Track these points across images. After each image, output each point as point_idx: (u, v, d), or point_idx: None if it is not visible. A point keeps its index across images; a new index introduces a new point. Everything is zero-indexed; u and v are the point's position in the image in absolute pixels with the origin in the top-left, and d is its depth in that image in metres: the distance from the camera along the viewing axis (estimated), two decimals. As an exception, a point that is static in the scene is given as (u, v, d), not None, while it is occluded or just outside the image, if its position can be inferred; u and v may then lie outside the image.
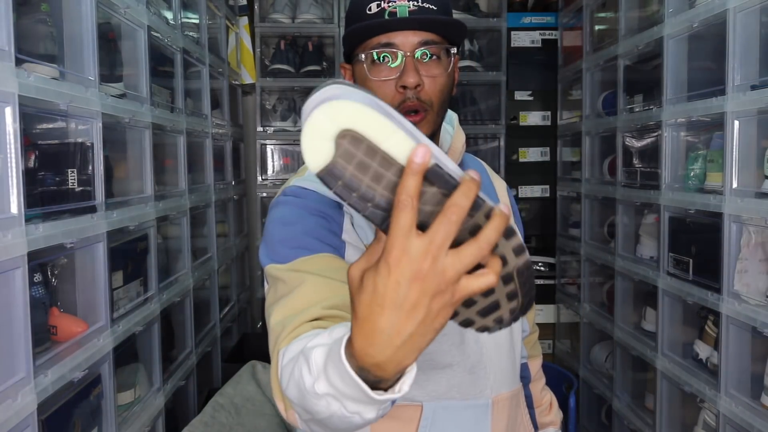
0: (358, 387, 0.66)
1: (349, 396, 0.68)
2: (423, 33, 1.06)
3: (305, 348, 0.77)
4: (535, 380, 1.39)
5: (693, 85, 2.19)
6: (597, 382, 3.00)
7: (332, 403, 0.71)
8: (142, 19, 2.01)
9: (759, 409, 1.75)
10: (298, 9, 3.70)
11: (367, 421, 0.72)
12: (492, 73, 3.80)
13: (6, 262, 1.25)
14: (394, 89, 1.06)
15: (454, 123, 1.24)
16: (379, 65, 1.07)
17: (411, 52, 1.05)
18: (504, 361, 1.16)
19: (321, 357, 0.72)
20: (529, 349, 1.38)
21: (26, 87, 1.32)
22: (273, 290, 1.01)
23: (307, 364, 0.74)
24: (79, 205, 1.61)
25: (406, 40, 1.05)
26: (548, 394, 1.43)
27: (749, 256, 1.83)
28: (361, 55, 1.08)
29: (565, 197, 3.62)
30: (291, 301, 0.93)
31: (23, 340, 1.31)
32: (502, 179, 1.36)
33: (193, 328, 2.57)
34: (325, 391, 0.71)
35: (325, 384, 0.70)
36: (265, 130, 3.81)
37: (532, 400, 1.37)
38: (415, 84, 1.05)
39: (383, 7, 1.05)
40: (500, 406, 1.15)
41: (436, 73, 1.07)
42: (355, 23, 1.08)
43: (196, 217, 2.71)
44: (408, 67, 1.05)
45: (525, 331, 1.34)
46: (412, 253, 0.57)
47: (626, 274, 2.63)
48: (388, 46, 1.05)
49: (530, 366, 1.38)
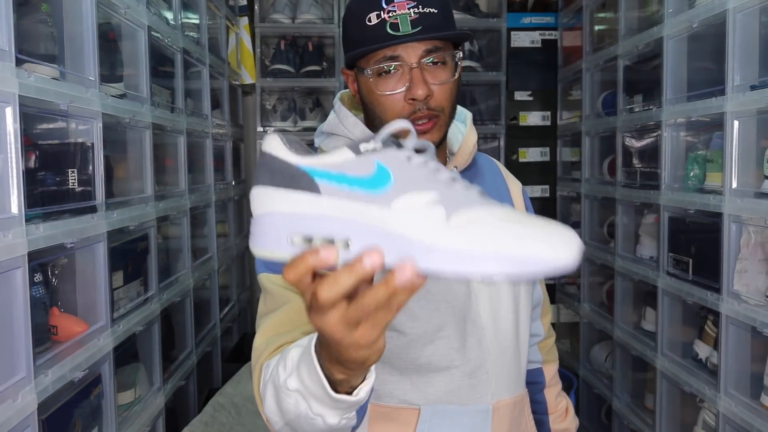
0: (321, 383, 0.71)
1: (314, 394, 0.73)
2: (427, 41, 1.04)
3: (285, 351, 0.81)
4: (549, 386, 1.33)
5: (693, 85, 2.19)
6: (597, 382, 3.00)
7: (300, 402, 0.75)
8: (143, 20, 2.01)
9: (759, 409, 1.75)
10: (298, 9, 3.70)
11: (329, 426, 0.75)
12: (492, 73, 3.80)
13: (6, 262, 1.26)
14: (402, 101, 1.05)
15: (467, 122, 1.21)
16: (386, 78, 1.05)
17: (417, 63, 1.03)
18: (508, 366, 1.13)
19: (296, 354, 0.77)
20: (545, 354, 1.33)
21: (26, 87, 1.32)
22: (263, 301, 1.04)
23: (283, 362, 0.79)
24: (79, 205, 1.61)
25: (411, 51, 1.03)
26: (564, 401, 1.36)
27: (749, 256, 1.83)
28: (366, 70, 1.06)
29: (565, 197, 3.63)
30: (276, 320, 0.97)
31: (23, 340, 1.31)
32: (517, 180, 1.31)
33: (193, 328, 2.57)
34: (295, 387, 0.75)
35: (296, 380, 0.75)
36: (265, 130, 3.81)
37: (546, 406, 1.33)
38: (425, 96, 1.03)
39: (383, 17, 1.02)
40: (501, 412, 1.12)
41: (444, 79, 1.06)
42: (355, 33, 1.06)
43: (196, 217, 2.71)
44: (416, 80, 1.03)
45: (539, 335, 1.31)
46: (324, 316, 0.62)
47: (626, 274, 2.64)
48: (393, 59, 1.04)
49: (545, 371, 1.33)
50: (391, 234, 0.58)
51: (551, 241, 0.56)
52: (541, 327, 1.32)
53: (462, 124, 1.22)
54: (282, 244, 0.61)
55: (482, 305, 1.11)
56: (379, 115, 1.08)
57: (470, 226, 0.57)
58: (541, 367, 1.33)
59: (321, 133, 1.20)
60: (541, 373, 1.32)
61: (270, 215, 0.62)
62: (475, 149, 1.20)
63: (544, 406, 1.32)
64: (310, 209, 0.60)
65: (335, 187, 0.60)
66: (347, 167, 0.61)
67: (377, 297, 0.58)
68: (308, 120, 3.80)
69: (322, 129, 1.19)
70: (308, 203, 0.60)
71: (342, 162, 0.61)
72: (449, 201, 0.59)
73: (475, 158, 1.23)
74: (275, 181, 0.62)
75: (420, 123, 1.05)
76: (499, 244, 0.56)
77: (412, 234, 0.58)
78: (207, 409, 2.37)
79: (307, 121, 3.79)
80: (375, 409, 1.09)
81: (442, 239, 0.57)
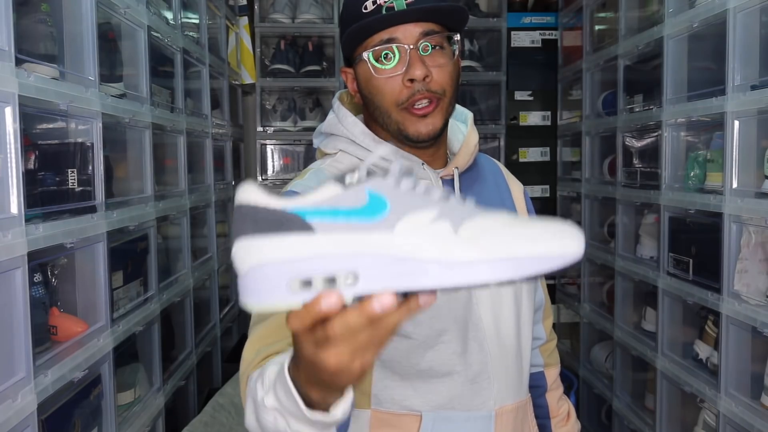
0: (296, 404, 0.70)
1: (291, 412, 0.72)
2: (424, 23, 1.04)
3: (264, 368, 0.81)
4: (551, 390, 1.32)
5: (693, 85, 2.19)
6: (597, 382, 3.00)
7: (279, 419, 0.75)
8: (142, 19, 2.01)
9: (759, 409, 1.75)
10: (298, 9, 3.70)
11: None
12: (492, 73, 3.80)
13: (6, 262, 1.25)
14: (401, 84, 1.04)
15: (468, 122, 1.20)
16: (384, 62, 1.05)
17: (414, 44, 1.03)
18: (510, 371, 1.12)
19: (273, 373, 0.76)
20: (546, 357, 1.32)
21: (26, 87, 1.32)
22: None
23: (261, 379, 0.79)
24: (79, 205, 1.61)
25: (408, 32, 1.03)
26: (566, 404, 1.34)
27: (749, 256, 1.83)
28: (363, 54, 1.05)
29: (565, 197, 3.63)
30: (264, 330, 0.97)
31: (23, 340, 1.31)
32: (518, 181, 1.30)
33: (193, 328, 2.57)
34: (272, 405, 0.75)
35: (273, 398, 0.75)
36: (265, 130, 3.81)
37: (548, 410, 1.31)
38: (423, 76, 1.03)
39: (379, 3, 1.03)
40: (504, 418, 1.11)
41: (443, 62, 1.05)
42: (352, 23, 1.05)
43: (196, 217, 2.71)
44: (413, 60, 1.03)
45: (541, 338, 1.30)
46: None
47: (626, 274, 2.64)
48: (391, 42, 1.03)
49: (546, 375, 1.32)
50: (401, 258, 0.57)
51: (558, 237, 0.59)
52: (543, 330, 1.31)
53: (463, 124, 1.21)
54: (280, 293, 0.59)
55: (483, 309, 1.10)
56: (378, 103, 1.07)
57: (480, 236, 0.58)
58: (543, 370, 1.31)
59: (320, 133, 1.19)
60: (542, 377, 1.31)
61: (260, 266, 0.59)
62: (477, 150, 1.19)
63: (546, 410, 1.30)
64: (305, 250, 0.58)
65: (330, 223, 0.58)
66: (338, 201, 0.59)
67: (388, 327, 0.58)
68: (308, 120, 3.79)
69: (321, 129, 1.19)
70: (303, 244, 0.58)
71: (332, 196, 0.60)
72: (451, 215, 0.59)
73: (477, 159, 1.22)
74: (260, 229, 0.59)
75: (420, 106, 1.05)
76: (513, 248, 0.57)
77: (424, 253, 0.57)
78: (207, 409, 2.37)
79: (307, 121, 3.79)
80: (376, 415, 1.08)
81: (457, 252, 0.57)
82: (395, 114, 1.06)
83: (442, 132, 1.09)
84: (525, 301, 1.16)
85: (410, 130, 1.07)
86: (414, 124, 1.06)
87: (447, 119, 1.09)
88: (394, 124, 1.07)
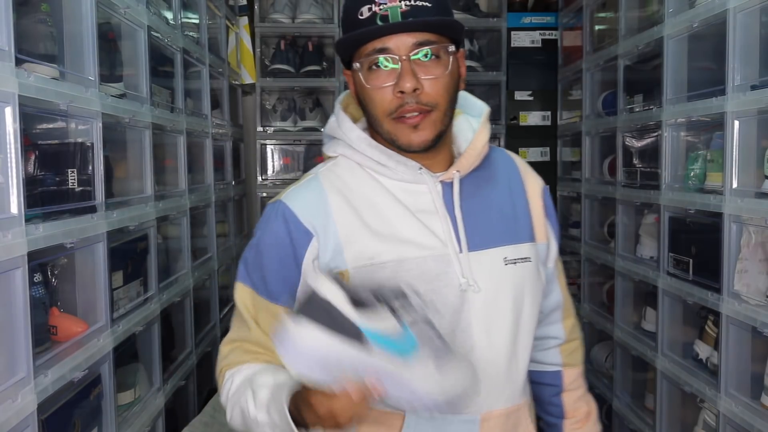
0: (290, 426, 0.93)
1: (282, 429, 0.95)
2: (418, 34, 1.02)
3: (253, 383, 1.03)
4: (568, 390, 1.28)
5: (693, 85, 2.19)
6: (597, 382, 3.00)
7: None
8: (142, 19, 2.01)
9: (759, 409, 1.75)
10: (298, 9, 3.70)
11: None
12: (492, 73, 3.80)
13: (6, 262, 1.25)
14: (391, 94, 1.03)
15: (482, 117, 1.16)
16: (376, 71, 1.04)
17: (407, 55, 1.02)
18: (500, 380, 1.11)
19: (266, 396, 0.99)
20: (566, 357, 1.29)
21: (26, 87, 1.32)
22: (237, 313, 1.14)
23: (254, 399, 1.00)
24: (79, 205, 1.61)
25: (401, 43, 1.02)
26: (585, 406, 1.30)
27: (749, 256, 1.83)
28: (356, 63, 1.06)
29: (565, 197, 3.62)
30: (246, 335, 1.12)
31: (23, 340, 1.31)
32: (538, 178, 1.26)
33: (193, 328, 2.57)
34: (265, 421, 0.97)
35: (266, 415, 0.97)
36: (265, 130, 3.81)
37: (563, 410, 1.28)
38: (413, 88, 1.02)
39: (374, 11, 1.01)
40: (491, 423, 1.10)
41: (437, 74, 1.04)
42: (349, 30, 1.05)
43: (196, 217, 2.70)
44: (404, 71, 1.02)
45: (559, 338, 1.28)
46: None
47: (626, 274, 2.64)
48: (383, 51, 1.02)
49: (564, 375, 1.28)
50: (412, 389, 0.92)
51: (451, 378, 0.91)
52: (562, 330, 1.28)
53: (475, 119, 1.18)
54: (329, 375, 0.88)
55: (475, 316, 1.08)
56: (371, 111, 1.07)
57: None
58: (561, 370, 1.28)
59: (325, 135, 1.20)
60: (559, 377, 1.28)
61: (317, 349, 0.87)
62: (486, 149, 1.16)
63: (560, 409, 1.28)
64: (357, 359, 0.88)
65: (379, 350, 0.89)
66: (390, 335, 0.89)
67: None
68: (308, 120, 3.79)
69: (324, 131, 1.20)
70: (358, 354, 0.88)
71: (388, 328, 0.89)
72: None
73: (490, 156, 1.19)
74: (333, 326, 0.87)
75: (409, 116, 1.04)
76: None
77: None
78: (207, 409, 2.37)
79: (307, 121, 3.79)
80: None
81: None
82: (386, 124, 1.06)
83: (436, 142, 1.08)
84: (527, 308, 1.14)
85: (402, 140, 1.07)
86: (406, 135, 1.06)
87: (441, 131, 1.08)
88: (386, 133, 1.07)
